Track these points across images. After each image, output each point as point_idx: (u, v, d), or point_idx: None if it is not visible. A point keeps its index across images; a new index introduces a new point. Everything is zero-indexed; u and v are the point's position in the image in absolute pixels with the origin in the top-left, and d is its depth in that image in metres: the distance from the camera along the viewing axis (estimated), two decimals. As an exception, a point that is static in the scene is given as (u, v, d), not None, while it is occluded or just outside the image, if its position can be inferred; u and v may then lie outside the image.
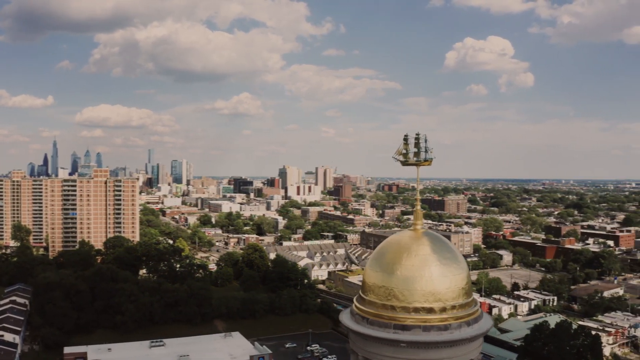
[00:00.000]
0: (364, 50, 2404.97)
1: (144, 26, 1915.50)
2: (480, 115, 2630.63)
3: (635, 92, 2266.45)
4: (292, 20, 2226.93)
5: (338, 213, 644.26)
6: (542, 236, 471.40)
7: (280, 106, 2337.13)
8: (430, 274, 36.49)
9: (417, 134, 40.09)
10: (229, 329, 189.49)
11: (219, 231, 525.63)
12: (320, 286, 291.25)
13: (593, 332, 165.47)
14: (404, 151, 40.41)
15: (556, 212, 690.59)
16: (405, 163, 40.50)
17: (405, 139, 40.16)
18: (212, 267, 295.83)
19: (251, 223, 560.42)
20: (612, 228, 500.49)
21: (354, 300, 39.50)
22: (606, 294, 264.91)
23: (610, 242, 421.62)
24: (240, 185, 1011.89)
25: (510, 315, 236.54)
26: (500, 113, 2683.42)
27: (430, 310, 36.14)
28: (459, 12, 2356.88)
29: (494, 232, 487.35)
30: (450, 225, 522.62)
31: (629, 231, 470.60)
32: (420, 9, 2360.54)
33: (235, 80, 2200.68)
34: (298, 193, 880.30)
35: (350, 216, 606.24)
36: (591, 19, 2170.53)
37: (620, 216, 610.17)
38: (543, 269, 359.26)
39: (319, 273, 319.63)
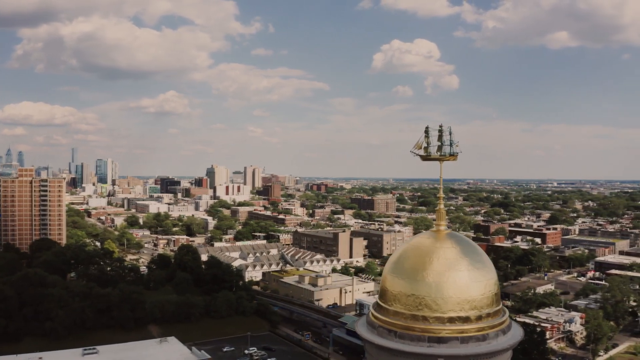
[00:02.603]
0: (293, 50, 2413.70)
1: (70, 21, 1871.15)
2: (406, 116, 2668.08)
3: (556, 95, 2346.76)
4: (220, 18, 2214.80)
5: (268, 213, 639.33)
6: (472, 234, 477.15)
7: (207, 105, 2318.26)
8: (464, 280, 32.79)
9: (440, 126, 36.10)
10: (164, 334, 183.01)
11: (147, 232, 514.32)
12: (255, 287, 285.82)
13: (538, 329, 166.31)
14: (425, 145, 36.36)
15: (483, 211, 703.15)
16: (426, 158, 36.30)
17: (426, 131, 36.04)
18: (143, 269, 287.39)
19: (180, 224, 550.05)
20: (538, 226, 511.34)
21: (371, 309, 35.20)
22: (539, 290, 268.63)
23: (538, 240, 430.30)
24: (167, 185, 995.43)
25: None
26: (425, 114, 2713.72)
27: (466, 320, 32.36)
28: (386, 14, 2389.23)
29: (424, 231, 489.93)
30: (382, 225, 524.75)
31: (555, 229, 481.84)
32: (349, 11, 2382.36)
33: (162, 78, 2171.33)
34: (227, 193, 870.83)
35: (281, 216, 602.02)
36: (515, 24, 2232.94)
37: (546, 214, 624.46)
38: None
39: (253, 274, 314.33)
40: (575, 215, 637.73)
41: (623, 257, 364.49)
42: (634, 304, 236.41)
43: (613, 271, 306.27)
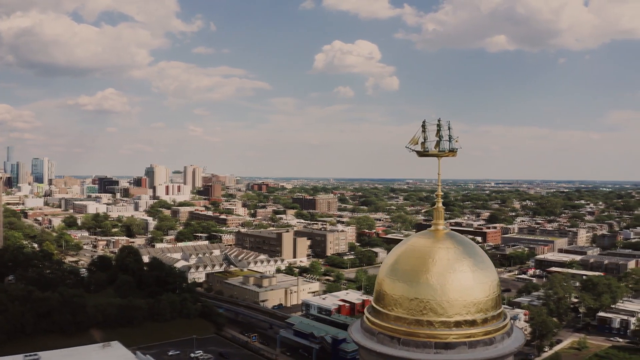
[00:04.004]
0: (234, 49, 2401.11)
1: (7, 16, 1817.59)
2: (347, 116, 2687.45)
3: (494, 97, 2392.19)
4: (161, 15, 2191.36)
5: (210, 213, 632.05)
6: (414, 233, 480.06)
7: (147, 103, 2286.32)
8: (469, 281, 31.30)
9: (439, 120, 34.55)
10: (106, 338, 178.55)
11: (86, 233, 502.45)
12: (199, 289, 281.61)
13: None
14: (422, 140, 34.72)
15: (423, 210, 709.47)
16: (423, 154, 34.54)
17: (423, 125, 34.41)
18: (83, 272, 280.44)
19: (120, 224, 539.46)
20: (478, 225, 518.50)
21: (367, 314, 33.46)
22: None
23: (479, 239, 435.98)
24: (106, 184, 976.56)
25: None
26: (366, 114, 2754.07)
27: (473, 323, 30.83)
28: (328, 15, 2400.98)
29: (367, 230, 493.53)
30: (324, 224, 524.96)
31: (494, 228, 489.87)
32: (292, 11, 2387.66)
33: (101, 76, 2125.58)
34: (167, 193, 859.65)
35: (223, 216, 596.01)
36: (455, 28, 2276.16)
37: (485, 214, 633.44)
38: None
39: (196, 275, 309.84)
40: (514, 214, 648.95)
41: (562, 254, 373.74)
42: (576, 300, 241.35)
43: (553, 269, 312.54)
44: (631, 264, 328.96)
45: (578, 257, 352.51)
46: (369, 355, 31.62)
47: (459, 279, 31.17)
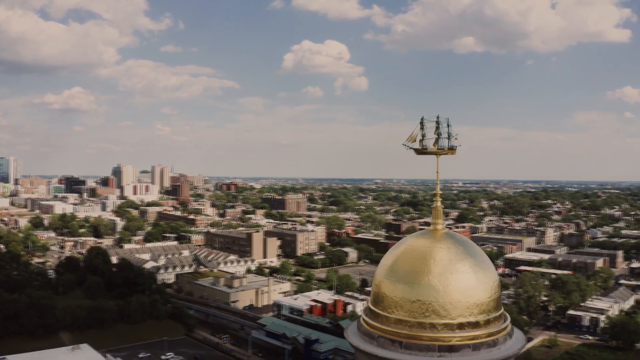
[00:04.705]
0: (203, 48, 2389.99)
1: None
2: (316, 116, 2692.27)
3: (462, 98, 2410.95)
4: (129, 13, 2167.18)
5: (178, 213, 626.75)
6: (383, 233, 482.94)
7: (114, 102, 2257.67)
8: (472, 282, 30.46)
9: (438, 117, 33.64)
10: (75, 340, 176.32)
11: (53, 234, 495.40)
12: (168, 290, 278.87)
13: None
14: (421, 137, 33.79)
15: (392, 210, 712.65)
16: (421, 151, 33.59)
17: (422, 122, 33.44)
18: (51, 273, 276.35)
19: (87, 225, 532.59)
20: (447, 224, 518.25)
21: (364, 317, 32.46)
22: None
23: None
24: (72, 184, 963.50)
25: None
26: (335, 115, 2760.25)
27: (476, 325, 30.06)
28: (298, 15, 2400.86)
29: (337, 230, 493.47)
30: (294, 224, 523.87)
31: (463, 227, 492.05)
32: (261, 10, 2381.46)
33: (67, 74, 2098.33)
34: (135, 193, 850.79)
35: (191, 216, 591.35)
36: (424, 29, 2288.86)
37: (454, 213, 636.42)
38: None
39: (166, 276, 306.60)
40: (482, 214, 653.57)
41: (531, 253, 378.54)
42: (545, 298, 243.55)
43: (522, 267, 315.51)
44: (599, 263, 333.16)
45: (546, 256, 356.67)
46: (368, 359, 30.78)
47: (461, 280, 30.48)
